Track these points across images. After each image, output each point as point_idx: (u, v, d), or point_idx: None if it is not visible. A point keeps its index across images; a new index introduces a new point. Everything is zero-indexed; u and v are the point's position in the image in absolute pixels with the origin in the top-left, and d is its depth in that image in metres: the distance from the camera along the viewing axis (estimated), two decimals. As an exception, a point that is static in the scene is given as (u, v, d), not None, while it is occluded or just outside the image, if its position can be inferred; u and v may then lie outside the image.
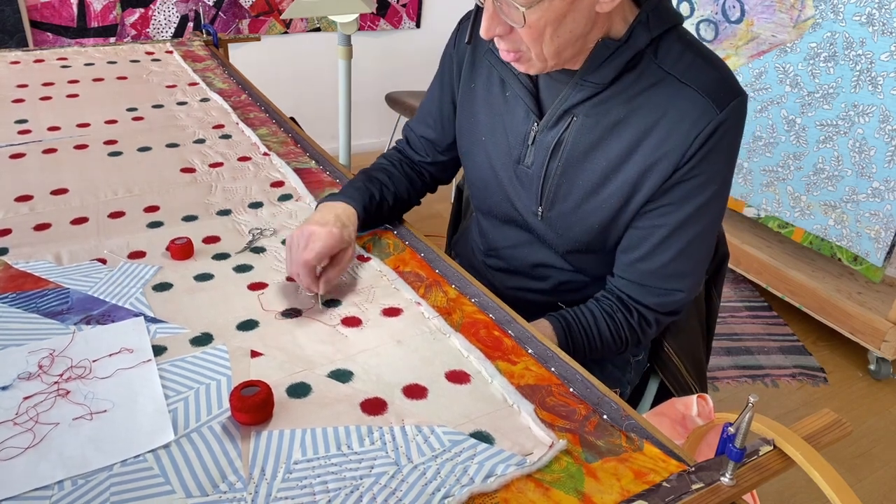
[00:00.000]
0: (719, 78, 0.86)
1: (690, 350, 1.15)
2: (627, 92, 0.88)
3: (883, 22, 1.95)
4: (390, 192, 1.08)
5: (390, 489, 0.63)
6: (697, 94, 0.84)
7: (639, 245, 0.93)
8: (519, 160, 0.98)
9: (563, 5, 0.79)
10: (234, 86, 1.66)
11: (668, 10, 0.88)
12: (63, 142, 1.31)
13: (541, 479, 0.64)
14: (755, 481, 0.64)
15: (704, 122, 0.84)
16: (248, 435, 0.68)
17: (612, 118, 0.89)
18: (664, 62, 0.86)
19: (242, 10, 2.87)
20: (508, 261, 1.10)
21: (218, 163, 1.26)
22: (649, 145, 0.87)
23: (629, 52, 0.86)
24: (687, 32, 0.90)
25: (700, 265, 0.96)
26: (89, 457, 0.65)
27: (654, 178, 0.88)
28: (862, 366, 2.24)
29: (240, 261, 0.98)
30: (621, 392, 1.14)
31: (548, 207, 0.97)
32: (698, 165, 0.86)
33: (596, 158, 0.91)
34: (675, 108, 0.85)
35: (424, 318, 0.88)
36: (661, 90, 0.86)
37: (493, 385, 0.77)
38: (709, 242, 0.95)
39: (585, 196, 0.93)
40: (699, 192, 0.88)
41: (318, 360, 0.79)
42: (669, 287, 0.94)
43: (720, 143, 0.86)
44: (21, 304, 0.86)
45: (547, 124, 0.94)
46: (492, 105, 1.01)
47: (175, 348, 0.80)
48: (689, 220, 0.90)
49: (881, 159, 2.02)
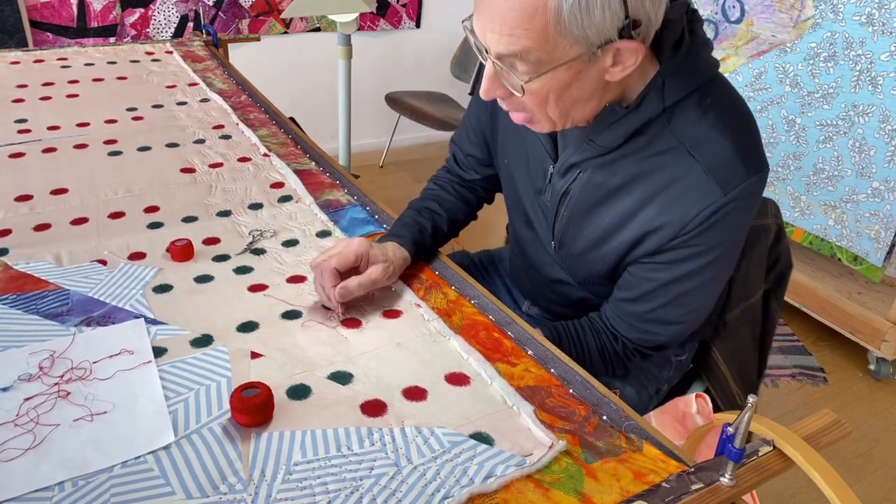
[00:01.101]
0: (733, 153, 0.79)
1: (739, 358, 1.12)
2: (637, 154, 0.83)
3: (883, 22, 1.95)
4: (443, 219, 1.06)
5: (390, 490, 0.63)
6: (704, 173, 0.79)
7: (628, 288, 0.92)
8: (540, 192, 0.96)
9: (567, 76, 0.74)
10: (234, 86, 1.66)
11: (695, 67, 0.80)
12: (63, 141, 1.31)
13: (540, 480, 0.65)
14: (755, 482, 0.64)
15: (706, 202, 0.80)
16: (248, 436, 0.68)
17: (617, 180, 0.86)
18: (677, 129, 0.80)
19: (242, 10, 2.87)
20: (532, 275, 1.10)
21: (218, 163, 1.26)
22: (650, 213, 0.84)
23: (639, 120, 0.80)
24: (715, 86, 0.82)
25: (689, 316, 0.92)
26: (90, 458, 0.65)
27: (651, 241, 0.86)
28: (862, 366, 2.24)
29: (240, 262, 0.98)
30: (658, 390, 1.13)
31: (559, 246, 0.97)
32: (696, 238, 0.83)
33: (600, 215, 0.89)
34: (680, 183, 0.81)
35: (424, 320, 0.88)
36: (669, 159, 0.81)
37: (492, 387, 0.77)
38: (702, 297, 0.91)
39: (590, 247, 0.92)
40: (693, 259, 0.85)
41: (319, 362, 0.79)
42: (651, 330, 0.93)
43: (722, 221, 0.81)
44: (21, 305, 0.86)
45: (559, 171, 0.91)
46: (516, 131, 0.98)
47: (175, 350, 0.80)
48: (681, 278, 0.87)
49: (881, 159, 2.02)
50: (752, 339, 1.14)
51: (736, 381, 1.12)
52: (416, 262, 0.99)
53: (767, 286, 1.15)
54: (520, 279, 1.18)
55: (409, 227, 1.00)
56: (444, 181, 1.14)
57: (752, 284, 1.11)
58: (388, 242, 0.96)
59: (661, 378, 1.13)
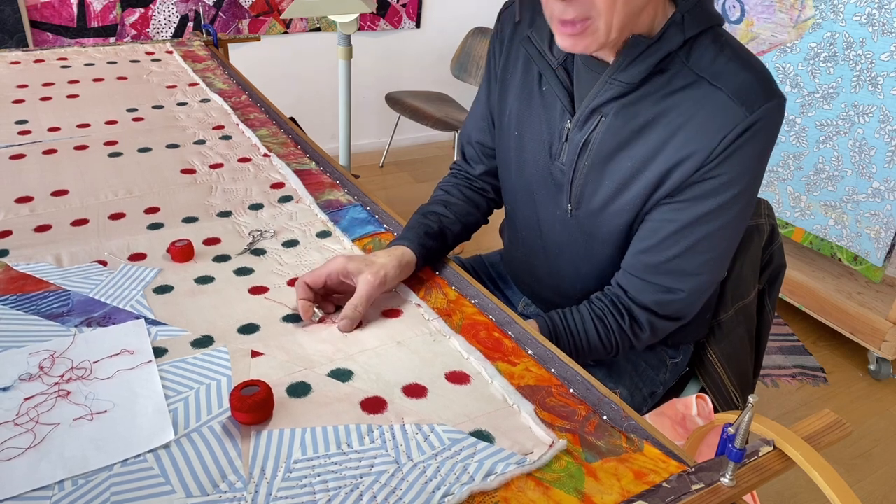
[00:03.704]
0: (753, 80, 0.83)
1: (735, 359, 1.12)
2: (657, 94, 0.86)
3: (883, 22, 1.95)
4: (451, 220, 1.06)
5: (390, 488, 0.63)
6: (728, 97, 0.82)
7: (647, 237, 0.91)
8: (555, 156, 0.96)
9: None
10: (235, 86, 1.66)
11: (707, 10, 0.85)
12: (63, 142, 1.31)
13: (541, 479, 0.65)
14: (755, 482, 0.64)
15: (732, 123, 0.82)
16: (248, 434, 0.68)
17: (639, 120, 0.87)
18: (696, 65, 0.84)
19: (242, 10, 2.87)
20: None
21: (218, 164, 1.26)
22: (675, 146, 0.85)
23: (660, 53, 0.84)
24: (724, 33, 0.87)
25: (708, 267, 0.92)
26: (90, 457, 0.65)
27: (675, 176, 0.86)
28: (862, 366, 2.24)
29: (240, 263, 0.98)
30: (653, 393, 1.12)
31: (576, 206, 0.96)
32: (721, 165, 0.84)
33: (621, 160, 0.90)
34: (704, 110, 0.83)
35: (425, 319, 0.88)
36: (691, 93, 0.84)
37: (493, 385, 0.77)
38: (722, 245, 0.91)
39: (610, 197, 0.92)
40: (718, 192, 0.86)
41: (318, 360, 0.79)
42: (669, 285, 0.92)
43: (747, 144, 0.83)
44: (22, 306, 0.86)
45: (577, 122, 0.92)
46: (527, 98, 0.98)
47: (176, 350, 0.80)
48: (703, 218, 0.87)
49: (881, 159, 2.03)
50: (747, 339, 1.14)
51: (732, 382, 1.12)
52: (427, 264, 0.98)
53: (761, 286, 1.15)
54: (518, 274, 1.18)
55: (415, 230, 0.99)
56: (450, 185, 1.14)
57: (746, 284, 1.11)
58: (382, 249, 0.95)
59: (656, 380, 1.12)
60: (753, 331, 1.15)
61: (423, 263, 0.97)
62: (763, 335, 1.18)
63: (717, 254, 0.92)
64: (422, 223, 1.01)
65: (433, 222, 1.02)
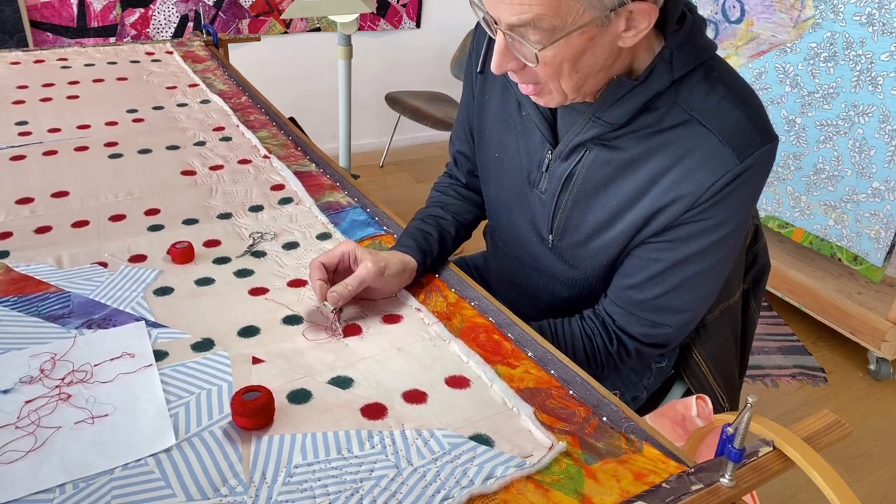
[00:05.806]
0: (746, 121, 0.80)
1: (721, 359, 1.12)
2: (646, 130, 0.83)
3: (883, 22, 1.95)
4: (449, 222, 1.05)
5: (390, 492, 0.63)
6: (719, 141, 0.79)
7: (633, 273, 0.90)
8: (534, 184, 0.95)
9: (580, 42, 0.74)
10: (235, 87, 1.66)
11: (697, 44, 0.81)
12: (63, 144, 1.31)
13: (541, 481, 0.65)
14: (755, 482, 0.64)
15: (723, 170, 0.79)
16: (248, 439, 0.68)
17: (625, 156, 0.85)
18: (686, 102, 0.81)
19: (242, 10, 2.87)
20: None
21: (218, 165, 1.26)
22: (663, 187, 0.83)
23: (647, 94, 0.80)
24: (717, 65, 0.83)
25: (694, 304, 0.91)
26: (90, 460, 0.65)
27: (661, 218, 0.84)
28: (862, 366, 2.24)
29: (240, 265, 0.98)
30: (638, 397, 1.12)
31: (558, 237, 0.95)
32: (709, 210, 0.82)
33: (607, 196, 0.88)
34: (694, 154, 0.80)
35: (424, 324, 0.88)
36: (681, 133, 0.81)
37: (492, 389, 0.77)
38: (709, 284, 0.90)
39: (595, 231, 0.91)
40: (705, 234, 0.84)
41: (319, 368, 0.79)
42: (657, 320, 0.91)
43: (737, 191, 0.81)
44: (22, 307, 0.86)
45: (560, 155, 0.90)
46: (506, 121, 0.97)
47: (176, 353, 0.80)
48: (689, 259, 0.86)
49: (881, 159, 2.03)
50: (732, 339, 1.14)
51: (717, 383, 1.11)
52: (428, 269, 0.97)
53: (746, 286, 1.14)
54: (497, 283, 1.16)
55: (414, 236, 0.98)
56: (446, 185, 1.14)
57: (731, 285, 1.11)
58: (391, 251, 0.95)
59: (640, 385, 1.12)
60: (739, 331, 1.15)
61: (425, 270, 0.97)
62: (748, 335, 1.18)
63: (704, 292, 0.91)
64: (420, 229, 1.01)
65: (431, 227, 1.02)
